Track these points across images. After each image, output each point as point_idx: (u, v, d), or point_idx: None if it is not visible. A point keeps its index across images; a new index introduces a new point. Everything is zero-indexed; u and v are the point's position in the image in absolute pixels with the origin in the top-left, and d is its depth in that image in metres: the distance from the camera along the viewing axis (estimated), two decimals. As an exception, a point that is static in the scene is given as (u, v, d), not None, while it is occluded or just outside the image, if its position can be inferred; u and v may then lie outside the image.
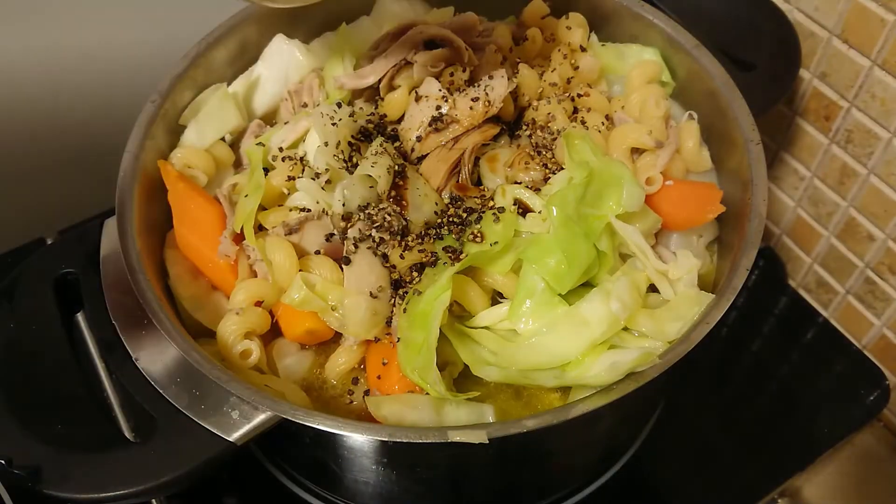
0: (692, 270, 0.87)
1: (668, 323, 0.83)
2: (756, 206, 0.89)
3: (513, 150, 0.97)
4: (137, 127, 0.96)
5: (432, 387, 0.79)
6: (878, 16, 1.02)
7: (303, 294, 0.83)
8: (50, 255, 0.94)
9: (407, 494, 0.94)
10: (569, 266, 0.82)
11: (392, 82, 0.99)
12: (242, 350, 0.85)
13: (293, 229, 0.89)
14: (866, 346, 1.27)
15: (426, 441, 0.73)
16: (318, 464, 0.97)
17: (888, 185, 1.12)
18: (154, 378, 0.81)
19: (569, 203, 0.85)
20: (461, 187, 0.93)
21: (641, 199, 0.87)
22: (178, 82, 1.01)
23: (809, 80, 1.17)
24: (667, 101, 1.00)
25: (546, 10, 1.09)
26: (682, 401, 1.15)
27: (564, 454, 0.98)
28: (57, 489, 0.75)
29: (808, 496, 1.15)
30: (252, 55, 1.09)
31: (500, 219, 0.87)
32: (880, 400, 1.19)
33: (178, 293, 0.90)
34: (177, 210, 0.94)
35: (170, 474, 0.76)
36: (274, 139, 0.99)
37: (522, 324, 0.83)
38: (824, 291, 1.31)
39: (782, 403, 1.19)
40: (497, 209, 0.88)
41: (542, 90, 1.01)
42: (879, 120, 1.09)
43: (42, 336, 0.87)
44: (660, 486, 1.12)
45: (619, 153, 0.96)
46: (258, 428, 0.78)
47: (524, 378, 0.83)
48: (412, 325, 0.81)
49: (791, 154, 1.27)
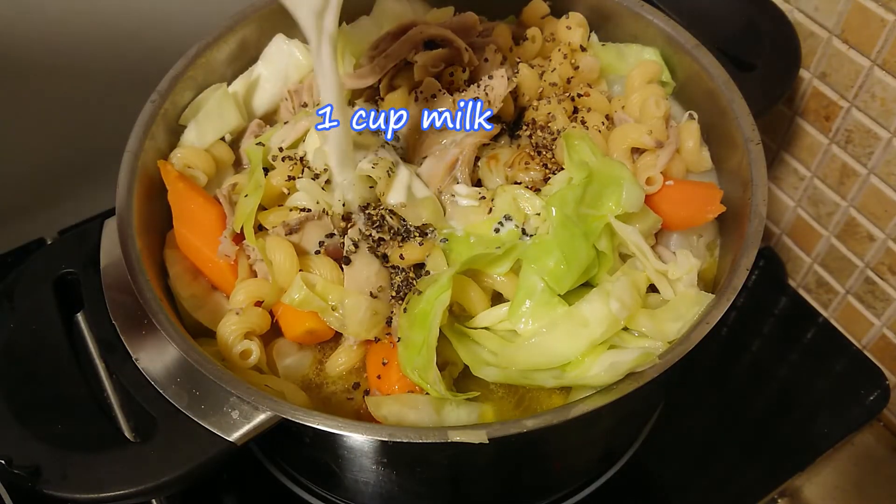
0: (692, 270, 0.87)
1: (667, 323, 0.83)
2: (756, 206, 0.89)
3: (513, 150, 0.97)
4: (137, 127, 0.96)
5: (432, 386, 0.79)
6: (878, 16, 1.02)
7: (303, 294, 0.83)
8: (50, 255, 0.94)
9: (407, 494, 0.94)
10: (567, 266, 0.82)
11: (392, 82, 0.99)
12: (242, 350, 0.85)
13: (293, 229, 0.89)
14: (866, 346, 1.27)
15: (426, 441, 0.73)
16: (318, 464, 0.97)
17: (888, 184, 1.12)
18: (154, 378, 0.81)
19: (568, 203, 0.85)
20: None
21: (641, 199, 0.87)
22: (178, 82, 1.01)
23: (809, 80, 1.17)
24: (667, 101, 1.00)
25: (546, 10, 1.09)
26: (682, 401, 1.15)
27: (564, 454, 0.98)
28: (56, 489, 0.75)
29: (808, 496, 1.15)
30: (252, 55, 1.09)
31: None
32: (880, 400, 1.19)
33: (178, 293, 0.90)
34: (177, 210, 0.93)
35: (170, 474, 0.76)
36: (274, 139, 0.99)
37: (522, 324, 0.83)
38: (824, 291, 1.31)
39: (782, 403, 1.19)
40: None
41: (542, 90, 1.01)
42: (879, 120, 1.09)
43: (42, 336, 0.87)
44: (660, 486, 1.12)
45: (619, 153, 0.96)
46: (258, 428, 0.78)
47: (524, 378, 0.83)
48: (412, 325, 0.81)
49: (791, 154, 1.27)
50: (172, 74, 1.01)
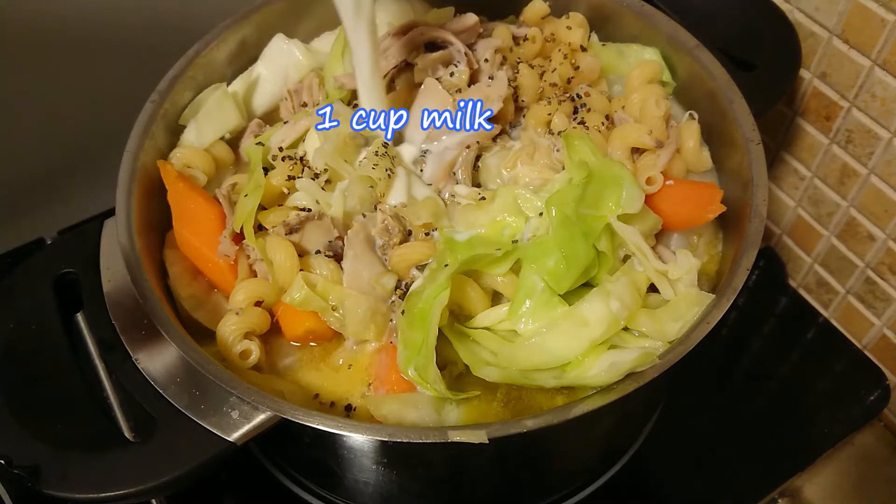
0: (692, 270, 0.87)
1: (668, 323, 0.83)
2: (756, 206, 0.89)
3: (513, 150, 0.96)
4: (137, 127, 0.96)
5: (432, 386, 0.79)
6: (878, 16, 1.02)
7: (304, 293, 0.83)
8: (50, 255, 0.94)
9: (407, 494, 0.94)
10: (567, 266, 0.82)
11: (392, 83, 0.99)
12: (242, 350, 0.85)
13: (294, 229, 0.89)
14: (866, 346, 1.27)
15: (426, 441, 0.73)
16: (318, 464, 0.97)
17: (888, 184, 1.12)
18: (154, 378, 0.81)
19: (567, 203, 0.85)
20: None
21: (641, 200, 0.87)
22: (178, 82, 1.01)
23: (810, 80, 1.17)
24: (667, 101, 1.00)
25: (546, 10, 1.09)
26: (682, 401, 1.15)
27: (565, 454, 0.98)
28: (56, 489, 0.75)
29: (808, 496, 1.15)
30: (252, 55, 1.09)
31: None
32: (880, 400, 1.19)
33: (178, 293, 0.90)
34: (176, 210, 0.93)
35: (170, 474, 0.76)
36: (274, 139, 0.99)
37: (522, 324, 0.83)
38: (824, 291, 1.31)
39: (782, 403, 1.19)
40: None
41: (543, 90, 1.01)
42: (880, 120, 1.09)
43: (42, 336, 0.87)
44: (660, 486, 1.12)
45: (619, 153, 0.96)
46: (258, 428, 0.78)
47: (524, 378, 0.83)
48: (411, 325, 0.81)
49: (791, 154, 1.27)
50: (172, 74, 1.01)
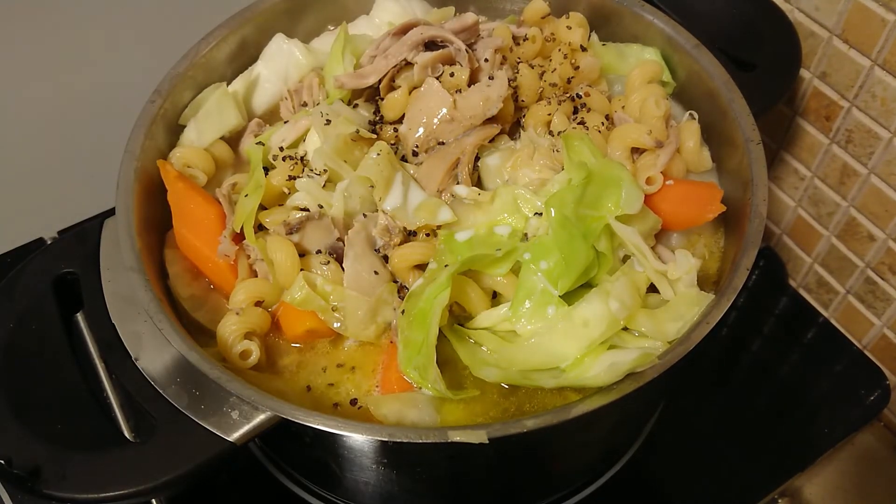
0: (692, 270, 0.87)
1: (667, 323, 0.83)
2: (756, 206, 0.89)
3: (513, 150, 0.96)
4: (137, 127, 0.96)
5: (432, 385, 0.79)
6: (878, 15, 1.02)
7: (304, 293, 0.83)
8: (50, 255, 0.94)
9: (407, 494, 0.94)
10: (566, 267, 0.82)
11: (392, 82, 0.99)
12: (242, 350, 0.85)
13: (294, 229, 0.89)
14: (866, 346, 1.27)
15: (426, 441, 0.73)
16: (318, 464, 0.97)
17: (888, 184, 1.12)
18: (154, 378, 0.81)
19: (567, 204, 0.85)
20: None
21: (640, 200, 0.87)
22: (178, 82, 1.01)
23: (810, 80, 1.17)
24: (667, 101, 1.00)
25: (546, 10, 1.09)
26: (682, 401, 1.15)
27: (565, 454, 0.98)
28: (56, 489, 0.75)
29: (808, 496, 1.15)
30: (252, 54, 1.09)
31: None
32: (880, 400, 1.19)
33: (178, 293, 0.90)
34: (176, 210, 0.93)
35: (170, 474, 0.76)
36: (274, 138, 0.99)
37: (522, 324, 0.83)
38: (825, 291, 1.31)
39: (782, 403, 1.19)
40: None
41: (542, 90, 1.01)
42: (880, 120, 1.09)
43: (42, 336, 0.87)
44: (660, 486, 1.12)
45: (619, 153, 0.96)
46: (258, 428, 0.78)
47: (524, 379, 0.83)
48: (412, 325, 0.81)
49: (791, 154, 1.27)
50: (172, 74, 1.01)
